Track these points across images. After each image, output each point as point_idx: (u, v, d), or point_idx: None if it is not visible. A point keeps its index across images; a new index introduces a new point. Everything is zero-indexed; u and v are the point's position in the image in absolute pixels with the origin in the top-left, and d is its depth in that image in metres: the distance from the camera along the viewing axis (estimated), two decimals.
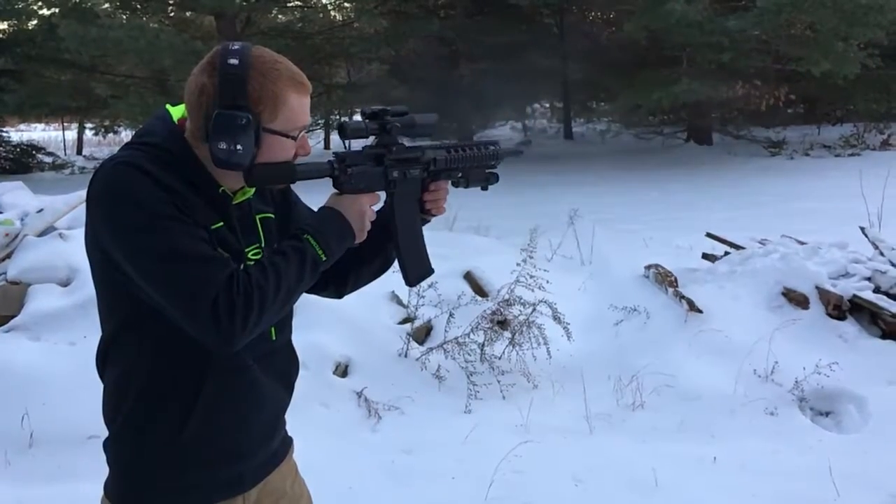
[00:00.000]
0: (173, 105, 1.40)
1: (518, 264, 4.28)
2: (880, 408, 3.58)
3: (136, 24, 14.48)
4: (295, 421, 1.67)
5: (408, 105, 1.52)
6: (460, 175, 1.58)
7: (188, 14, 17.56)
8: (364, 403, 3.66)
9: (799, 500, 2.93)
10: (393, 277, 1.61)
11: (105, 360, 1.40)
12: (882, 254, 4.66)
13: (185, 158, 1.33)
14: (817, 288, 4.36)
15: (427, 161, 1.51)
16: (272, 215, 1.48)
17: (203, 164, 1.34)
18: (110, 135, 20.80)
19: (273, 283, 1.28)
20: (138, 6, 16.76)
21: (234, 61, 1.28)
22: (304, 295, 1.45)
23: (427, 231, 1.61)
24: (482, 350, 4.03)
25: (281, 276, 1.30)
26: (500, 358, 4.04)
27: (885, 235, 5.00)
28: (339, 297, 1.63)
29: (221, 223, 1.35)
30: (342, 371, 3.89)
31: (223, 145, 1.27)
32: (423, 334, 4.29)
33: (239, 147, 1.27)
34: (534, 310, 4.10)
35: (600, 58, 17.26)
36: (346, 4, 19.36)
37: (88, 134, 23.47)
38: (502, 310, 4.17)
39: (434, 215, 1.59)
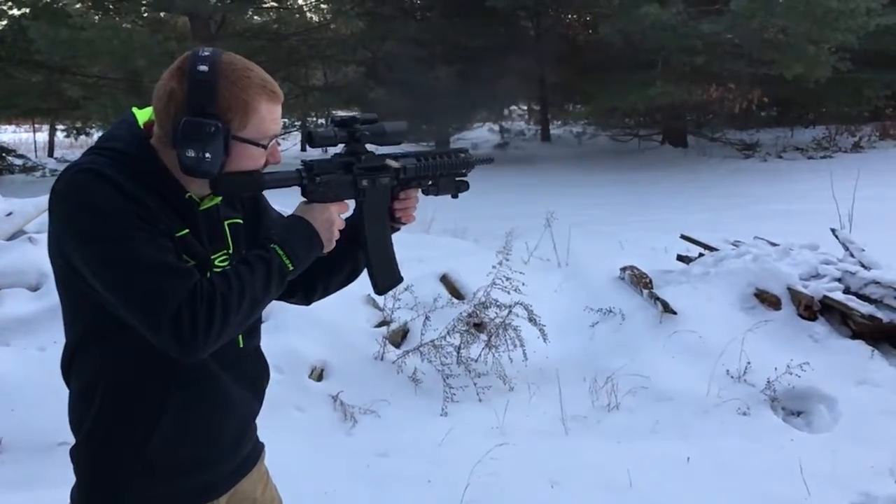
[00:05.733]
0: (140, 108, 1.38)
1: (494, 267, 4.28)
2: (850, 407, 3.63)
3: (109, 25, 14.31)
4: (269, 425, 1.66)
5: (385, 107, 1.52)
6: (430, 183, 1.57)
7: (162, 15, 17.38)
8: (340, 407, 3.65)
9: (771, 499, 2.97)
10: (369, 281, 1.60)
11: (70, 367, 1.38)
12: (852, 255, 4.72)
13: (150, 164, 1.31)
14: (789, 289, 4.41)
15: (397, 169, 1.50)
16: (241, 221, 1.46)
17: (169, 171, 1.32)
18: (82, 136, 20.48)
19: (237, 293, 1.27)
20: (111, 6, 16.56)
21: (203, 68, 1.26)
22: (273, 301, 1.43)
23: (403, 233, 1.60)
24: (458, 353, 4.03)
25: (245, 285, 1.28)
26: (476, 360, 4.04)
27: (856, 237, 5.07)
28: (308, 304, 1.62)
29: (187, 230, 1.33)
30: (317, 375, 3.87)
31: (192, 153, 1.25)
32: (399, 337, 4.28)
33: (208, 155, 1.26)
34: (510, 312, 4.11)
35: (577, 60, 17.35)
36: (323, 6, 19.31)
37: (60, 136, 23.09)
38: (478, 312, 4.17)
39: (404, 223, 1.57)
